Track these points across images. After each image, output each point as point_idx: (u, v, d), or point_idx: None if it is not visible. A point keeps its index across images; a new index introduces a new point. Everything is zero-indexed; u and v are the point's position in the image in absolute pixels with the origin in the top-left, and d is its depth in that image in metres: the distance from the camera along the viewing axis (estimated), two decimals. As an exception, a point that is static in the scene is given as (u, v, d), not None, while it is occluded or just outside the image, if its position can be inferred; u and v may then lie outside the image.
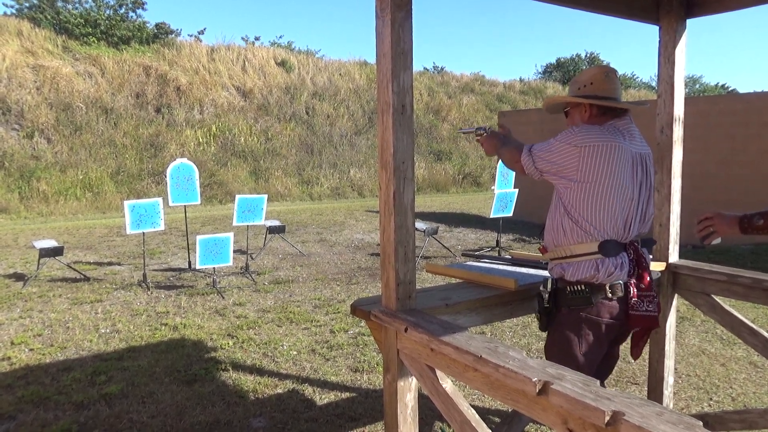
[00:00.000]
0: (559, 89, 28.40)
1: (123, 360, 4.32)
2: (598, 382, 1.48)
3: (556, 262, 2.13)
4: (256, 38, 26.24)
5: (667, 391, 3.00)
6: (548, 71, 34.22)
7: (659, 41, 3.05)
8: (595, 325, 2.05)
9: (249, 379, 3.95)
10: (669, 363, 3.02)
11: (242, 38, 26.18)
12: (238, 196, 7.34)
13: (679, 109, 3.03)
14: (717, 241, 2.13)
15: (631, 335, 2.19)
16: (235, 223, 7.24)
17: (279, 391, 3.78)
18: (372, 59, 23.30)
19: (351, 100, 21.46)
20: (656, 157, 2.89)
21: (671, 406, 3.12)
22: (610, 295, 2.02)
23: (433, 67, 28.99)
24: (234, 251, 6.50)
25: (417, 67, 27.51)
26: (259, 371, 4.12)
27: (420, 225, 8.58)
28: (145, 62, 18.31)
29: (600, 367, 2.19)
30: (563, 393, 1.42)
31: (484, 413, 3.37)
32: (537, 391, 1.49)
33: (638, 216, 2.09)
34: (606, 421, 1.30)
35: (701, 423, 1.25)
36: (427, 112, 22.95)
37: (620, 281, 2.04)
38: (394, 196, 2.11)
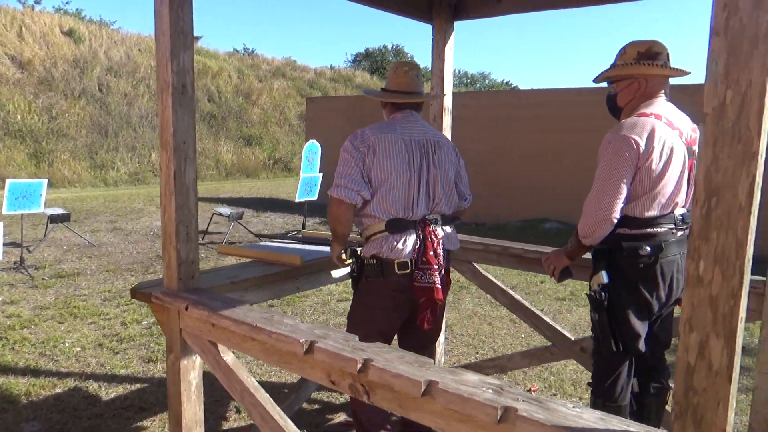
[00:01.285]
0: (367, 78, 29.57)
1: None
2: (357, 337, 1.66)
3: (363, 241, 2.37)
4: (37, 2, 22.98)
5: (440, 348, 3.42)
6: (357, 60, 35.46)
7: (432, 39, 3.40)
8: (385, 295, 2.29)
9: (21, 382, 3.55)
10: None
11: (18, 1, 22.55)
12: (8, 181, 6.43)
13: (448, 100, 3.42)
14: (569, 276, 2.29)
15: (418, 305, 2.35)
16: (5, 212, 6.34)
17: (58, 390, 3.46)
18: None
19: (152, 79, 19.87)
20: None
21: (443, 361, 3.56)
22: (397, 270, 2.24)
23: (243, 48, 28.25)
24: (5, 244, 5.72)
25: (226, 47, 26.52)
26: (34, 372, 3.72)
27: (224, 210, 8.41)
28: None
29: (411, 340, 2.42)
30: (325, 349, 1.58)
31: (278, 388, 3.49)
32: (304, 350, 1.62)
33: (423, 196, 2.30)
34: (358, 368, 1.49)
35: (432, 361, 1.49)
36: (236, 95, 22.28)
37: (406, 258, 2.25)
38: (175, 175, 2.09)
